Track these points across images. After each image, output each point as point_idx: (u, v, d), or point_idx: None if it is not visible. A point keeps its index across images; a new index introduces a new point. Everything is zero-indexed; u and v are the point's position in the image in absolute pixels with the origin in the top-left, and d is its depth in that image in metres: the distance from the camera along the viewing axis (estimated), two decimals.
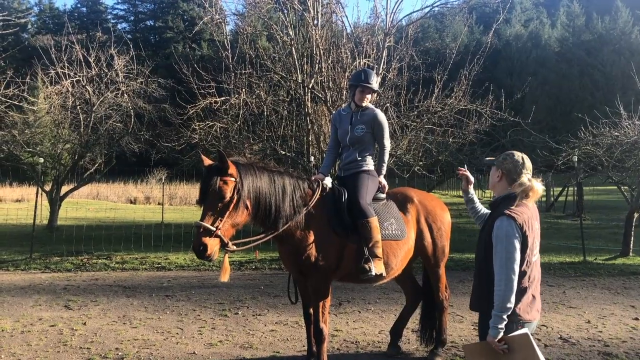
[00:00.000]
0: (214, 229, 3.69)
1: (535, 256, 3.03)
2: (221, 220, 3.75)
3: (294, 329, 5.76)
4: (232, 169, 3.86)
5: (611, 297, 7.44)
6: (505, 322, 2.88)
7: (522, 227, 2.91)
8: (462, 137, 11.66)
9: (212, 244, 3.69)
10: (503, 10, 13.61)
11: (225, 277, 3.94)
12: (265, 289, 7.89)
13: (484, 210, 3.63)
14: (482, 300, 3.02)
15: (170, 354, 4.95)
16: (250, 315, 6.38)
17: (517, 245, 2.89)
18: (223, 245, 3.79)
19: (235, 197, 3.83)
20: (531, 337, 2.88)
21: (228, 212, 3.79)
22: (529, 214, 2.98)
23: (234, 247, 3.93)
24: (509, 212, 2.93)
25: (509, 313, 2.88)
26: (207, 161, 3.89)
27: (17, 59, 27.54)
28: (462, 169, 3.70)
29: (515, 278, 2.88)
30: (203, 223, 3.68)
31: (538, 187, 3.04)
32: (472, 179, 3.69)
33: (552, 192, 23.05)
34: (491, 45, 12.20)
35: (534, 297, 3.02)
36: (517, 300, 2.93)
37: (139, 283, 8.30)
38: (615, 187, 14.12)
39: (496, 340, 2.88)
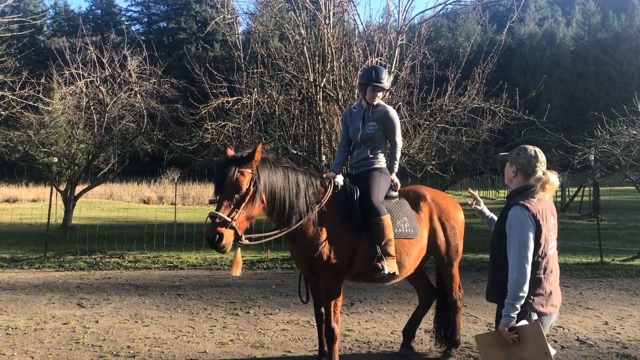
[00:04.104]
0: (230, 219, 3.66)
1: (552, 249, 2.99)
2: (237, 212, 3.72)
3: (306, 329, 5.72)
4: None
5: (629, 298, 7.29)
6: (517, 312, 2.84)
7: (536, 216, 2.89)
8: (475, 136, 11.54)
9: (227, 235, 3.65)
10: (517, 9, 13.43)
11: (237, 271, 3.91)
12: (277, 288, 7.86)
13: None
14: (498, 291, 2.98)
15: (182, 353, 4.94)
16: (261, 314, 6.35)
17: (531, 234, 2.87)
18: (237, 239, 3.75)
19: (252, 190, 3.81)
20: (542, 327, 2.82)
21: (244, 204, 3.76)
22: (543, 206, 2.98)
23: (247, 242, 3.88)
24: (522, 202, 2.95)
25: (522, 302, 2.84)
26: (230, 152, 3.97)
27: (32, 60, 27.88)
28: (471, 190, 3.87)
29: (529, 266, 2.85)
30: (219, 213, 3.65)
31: (554, 179, 3.03)
32: (479, 199, 3.73)
33: (567, 192, 22.72)
34: (505, 44, 12.05)
35: (550, 289, 2.97)
36: (532, 291, 2.88)
37: (151, 282, 8.32)
38: (633, 187, 13.85)
39: (507, 329, 2.84)
